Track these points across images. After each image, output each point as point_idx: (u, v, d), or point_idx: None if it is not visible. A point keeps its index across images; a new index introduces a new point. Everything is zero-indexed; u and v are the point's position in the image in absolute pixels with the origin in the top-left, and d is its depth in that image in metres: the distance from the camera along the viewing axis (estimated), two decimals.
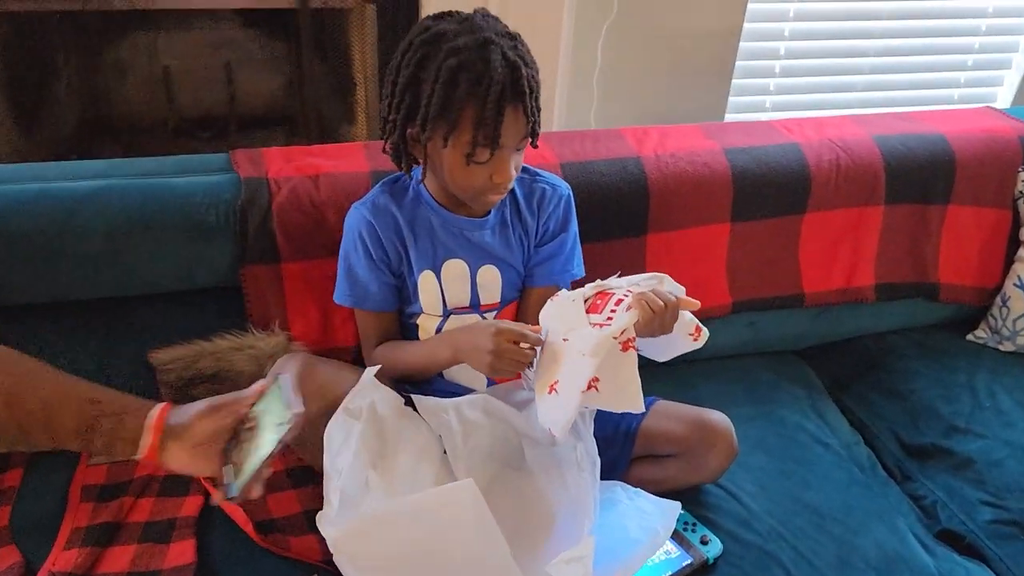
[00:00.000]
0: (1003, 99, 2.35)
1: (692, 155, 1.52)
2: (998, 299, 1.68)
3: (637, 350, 1.07)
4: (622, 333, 1.05)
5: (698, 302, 1.13)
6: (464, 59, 1.07)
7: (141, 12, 1.88)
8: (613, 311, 1.08)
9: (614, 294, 1.10)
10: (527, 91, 1.10)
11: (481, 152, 1.10)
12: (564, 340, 1.09)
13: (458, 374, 1.29)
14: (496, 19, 1.14)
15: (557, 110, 1.93)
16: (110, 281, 1.32)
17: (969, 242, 1.67)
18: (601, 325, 1.07)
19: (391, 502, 1.07)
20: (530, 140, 1.16)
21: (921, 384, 1.56)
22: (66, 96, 2.11)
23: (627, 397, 1.07)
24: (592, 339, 1.05)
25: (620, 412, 1.09)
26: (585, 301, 1.11)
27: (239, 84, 2.19)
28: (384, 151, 1.21)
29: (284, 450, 1.26)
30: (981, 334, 1.69)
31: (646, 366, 1.54)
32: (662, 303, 1.08)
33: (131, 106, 2.15)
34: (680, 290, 1.14)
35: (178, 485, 1.23)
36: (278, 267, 1.35)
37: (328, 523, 1.03)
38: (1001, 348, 1.67)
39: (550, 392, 1.08)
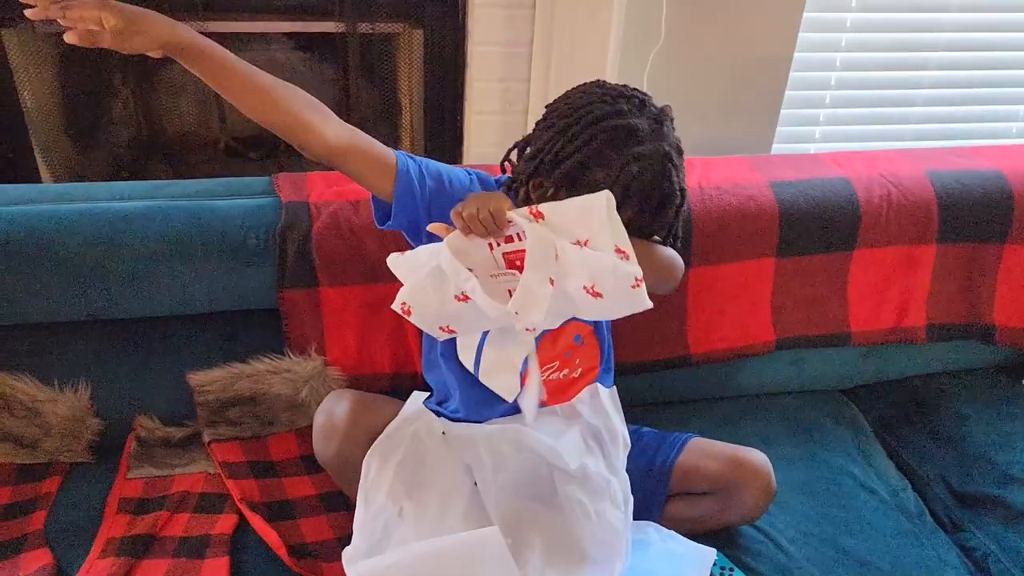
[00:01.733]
0: None
1: (737, 187, 1.49)
2: None
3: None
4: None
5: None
6: (644, 167, 1.07)
7: None
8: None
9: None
10: (676, 218, 1.15)
11: None
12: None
13: (492, 377, 1.22)
14: (671, 118, 1.15)
15: None
16: (151, 301, 1.33)
17: None
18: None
19: (416, 546, 1.05)
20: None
21: (974, 430, 1.50)
22: (121, 116, 2.16)
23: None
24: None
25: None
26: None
27: None
28: (504, 163, 1.21)
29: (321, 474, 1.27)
30: None
31: (691, 402, 1.54)
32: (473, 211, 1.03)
33: (183, 126, 2.20)
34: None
35: (213, 502, 1.24)
36: (316, 292, 1.35)
37: (352, 564, 1.02)
38: None
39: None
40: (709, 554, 1.12)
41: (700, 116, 2.09)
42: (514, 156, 1.22)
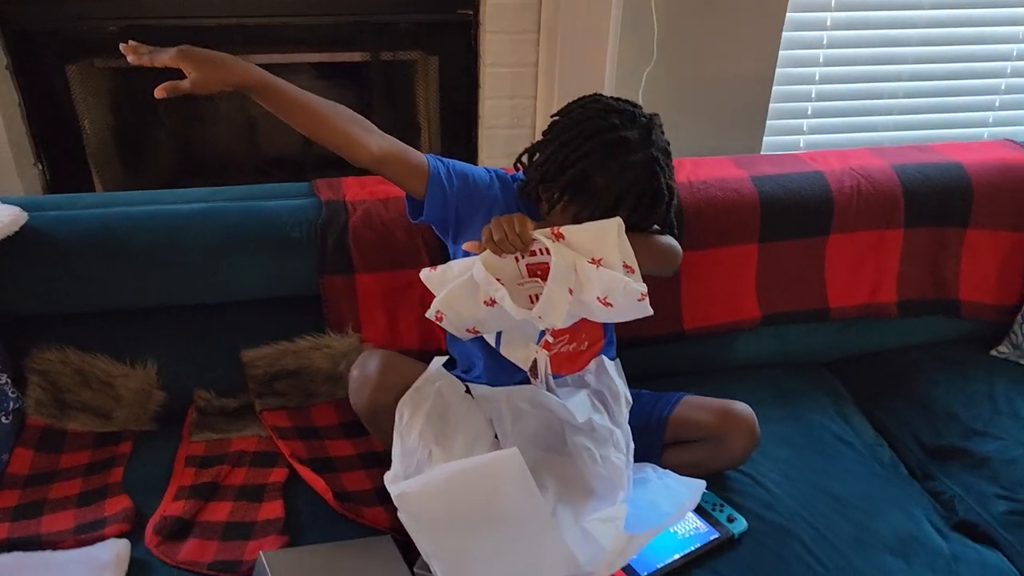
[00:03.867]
0: None
1: (722, 182, 1.67)
2: (1019, 316, 1.77)
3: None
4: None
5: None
6: (638, 174, 1.27)
7: None
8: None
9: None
10: (668, 212, 1.34)
11: None
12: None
13: (511, 349, 1.39)
14: (659, 124, 1.33)
15: None
16: (209, 289, 1.53)
17: (988, 263, 1.77)
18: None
19: (446, 466, 1.22)
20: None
21: (942, 392, 1.66)
22: (165, 142, 2.38)
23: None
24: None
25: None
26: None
27: None
28: (516, 163, 1.40)
29: (358, 438, 1.44)
30: (1004, 349, 1.79)
31: (685, 374, 1.70)
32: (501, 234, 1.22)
33: (219, 149, 2.41)
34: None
35: (267, 458, 1.42)
36: (352, 278, 1.54)
37: (394, 483, 1.19)
38: (1022, 363, 1.76)
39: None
40: (700, 485, 1.28)
41: (691, 129, 2.28)
42: (524, 158, 1.41)
